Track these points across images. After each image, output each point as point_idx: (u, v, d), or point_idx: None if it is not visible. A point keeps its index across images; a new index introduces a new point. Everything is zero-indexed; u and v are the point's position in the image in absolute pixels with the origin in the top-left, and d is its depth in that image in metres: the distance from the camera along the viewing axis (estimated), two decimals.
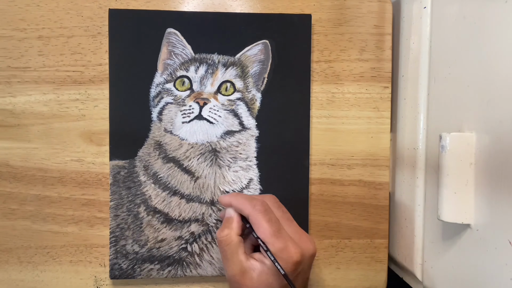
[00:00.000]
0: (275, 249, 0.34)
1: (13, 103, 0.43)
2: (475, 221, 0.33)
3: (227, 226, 0.37)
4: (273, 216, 0.36)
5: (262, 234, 0.35)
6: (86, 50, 0.44)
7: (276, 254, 0.34)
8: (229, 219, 0.37)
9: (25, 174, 0.43)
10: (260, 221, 0.35)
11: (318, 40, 0.46)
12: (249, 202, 0.37)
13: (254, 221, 0.36)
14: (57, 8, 0.43)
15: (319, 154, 0.46)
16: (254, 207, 0.36)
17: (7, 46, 0.43)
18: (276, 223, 0.36)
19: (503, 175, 0.30)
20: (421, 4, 0.42)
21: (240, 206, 0.37)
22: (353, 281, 0.47)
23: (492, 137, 0.32)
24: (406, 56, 0.45)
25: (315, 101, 0.46)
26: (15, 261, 0.44)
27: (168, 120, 0.44)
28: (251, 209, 0.36)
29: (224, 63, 0.44)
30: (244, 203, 0.37)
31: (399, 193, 0.47)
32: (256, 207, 0.36)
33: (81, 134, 0.44)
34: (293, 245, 0.35)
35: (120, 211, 0.44)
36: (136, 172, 0.44)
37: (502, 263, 0.30)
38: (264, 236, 0.35)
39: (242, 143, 0.44)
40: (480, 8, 0.34)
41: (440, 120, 0.40)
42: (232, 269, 0.36)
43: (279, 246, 0.34)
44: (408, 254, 0.44)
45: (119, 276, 0.43)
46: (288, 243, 0.35)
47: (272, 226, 0.35)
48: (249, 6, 0.45)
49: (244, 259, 0.36)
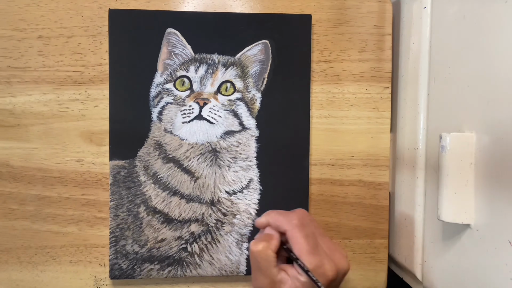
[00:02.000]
0: (312, 266, 0.34)
1: (13, 103, 0.43)
2: (475, 221, 0.33)
3: (266, 240, 0.36)
4: (309, 231, 0.36)
5: (299, 250, 0.35)
6: (86, 50, 0.44)
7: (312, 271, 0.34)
8: (269, 235, 0.37)
9: (25, 174, 0.43)
10: (297, 236, 0.35)
11: (318, 40, 0.46)
12: (284, 217, 0.36)
13: (291, 237, 0.35)
14: (57, 8, 0.43)
15: (319, 154, 0.46)
16: (290, 222, 0.36)
17: (7, 46, 0.43)
18: (313, 238, 0.35)
19: (503, 175, 0.30)
20: (421, 4, 0.42)
21: (276, 222, 0.37)
22: (353, 281, 0.47)
23: (492, 137, 0.32)
24: (406, 56, 0.45)
25: (315, 101, 0.46)
26: (15, 261, 0.44)
27: (168, 120, 0.44)
28: (288, 224, 0.36)
29: (224, 63, 0.44)
30: (280, 219, 0.36)
31: (399, 193, 0.47)
32: (292, 222, 0.36)
33: (81, 134, 0.44)
34: (329, 262, 0.35)
35: (120, 211, 0.44)
36: (136, 172, 0.44)
37: (502, 263, 0.30)
38: (300, 253, 0.34)
39: (242, 143, 0.44)
40: (480, 8, 0.34)
41: (440, 120, 0.40)
42: (262, 281, 0.35)
43: (315, 263, 0.34)
44: (408, 254, 0.44)
45: (119, 276, 0.43)
46: (324, 260, 0.34)
47: (309, 242, 0.35)
48: (249, 6, 0.45)
49: (276, 273, 0.35)
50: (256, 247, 0.36)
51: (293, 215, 0.36)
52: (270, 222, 0.37)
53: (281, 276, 0.35)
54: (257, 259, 0.36)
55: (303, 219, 0.36)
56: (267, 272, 0.35)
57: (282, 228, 0.36)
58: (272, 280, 0.35)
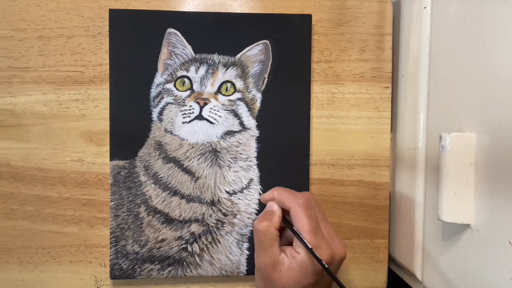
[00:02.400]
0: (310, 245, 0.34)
1: (14, 103, 0.43)
2: (475, 221, 0.33)
3: (268, 218, 0.37)
4: (313, 213, 0.36)
5: (301, 228, 0.35)
6: (87, 50, 0.44)
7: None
8: (271, 212, 0.38)
9: (26, 174, 0.43)
10: (300, 215, 0.35)
11: (319, 40, 0.46)
12: (291, 195, 0.37)
13: (294, 214, 0.36)
14: (57, 8, 0.43)
15: (319, 154, 0.46)
16: (296, 200, 0.36)
17: (8, 46, 0.43)
18: (316, 220, 0.36)
19: (503, 175, 0.30)
20: (421, 4, 0.42)
21: (282, 198, 0.37)
22: (353, 281, 0.47)
23: (492, 137, 0.32)
24: (406, 56, 0.45)
25: (315, 101, 0.46)
26: (16, 261, 0.44)
27: (168, 120, 0.44)
28: (294, 202, 0.36)
29: (225, 63, 0.44)
30: (286, 195, 0.37)
31: (399, 193, 0.47)
32: (298, 201, 0.36)
33: (82, 134, 0.44)
34: (327, 246, 0.35)
35: (121, 211, 0.44)
36: (137, 172, 0.44)
37: (502, 263, 0.30)
38: (302, 231, 0.35)
39: (243, 143, 0.45)
40: (480, 8, 0.34)
41: (440, 120, 0.40)
42: (265, 260, 0.36)
43: (314, 244, 0.35)
44: (408, 254, 0.44)
45: (119, 276, 0.43)
46: (322, 243, 0.35)
47: (312, 223, 0.35)
48: (249, 6, 0.45)
49: (278, 252, 0.36)
50: (260, 225, 0.36)
51: (299, 194, 0.37)
52: (275, 196, 0.38)
53: (281, 256, 0.36)
54: (260, 238, 0.36)
55: (309, 200, 0.37)
56: (270, 251, 0.36)
57: (287, 204, 0.37)
58: (274, 259, 0.36)
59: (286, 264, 0.35)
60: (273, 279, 0.36)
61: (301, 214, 0.35)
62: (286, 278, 0.35)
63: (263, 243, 0.36)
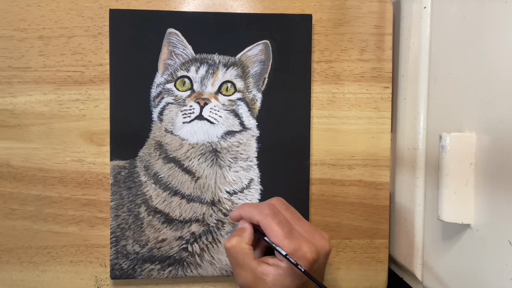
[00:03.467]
0: (289, 250, 0.34)
1: (14, 103, 0.43)
2: (475, 221, 0.33)
3: (238, 234, 0.37)
4: (282, 218, 0.36)
5: (274, 238, 0.35)
6: (87, 50, 0.44)
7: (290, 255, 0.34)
8: (241, 229, 0.37)
9: (26, 174, 0.43)
10: (270, 225, 0.35)
11: (319, 40, 0.46)
12: (255, 208, 0.37)
13: (264, 226, 0.35)
14: (57, 8, 0.43)
15: (319, 154, 0.46)
16: (261, 212, 0.36)
17: (8, 46, 0.43)
18: (287, 224, 0.36)
19: (503, 175, 0.30)
20: (421, 4, 0.42)
21: (248, 214, 0.37)
22: (353, 281, 0.47)
23: (492, 137, 0.32)
24: (406, 56, 0.45)
25: (316, 101, 0.46)
26: (16, 261, 0.44)
27: (168, 120, 0.44)
28: (259, 215, 0.36)
29: (225, 63, 0.44)
30: (251, 211, 0.37)
31: (399, 193, 0.47)
32: (264, 212, 0.36)
33: (82, 134, 0.44)
34: (307, 244, 0.35)
35: (121, 211, 0.44)
36: (137, 172, 0.44)
37: (502, 263, 0.30)
38: (276, 239, 0.34)
39: (243, 143, 0.45)
40: (480, 8, 0.34)
41: (440, 120, 0.40)
42: (244, 276, 0.35)
43: (293, 247, 0.34)
44: (408, 254, 0.44)
45: (119, 276, 0.43)
46: (301, 243, 0.35)
47: (283, 228, 0.35)
48: (249, 6, 0.45)
49: (256, 265, 0.35)
50: (229, 242, 0.36)
51: (264, 205, 0.37)
52: (242, 215, 0.38)
53: (262, 268, 0.35)
54: (233, 255, 0.36)
55: (274, 207, 0.37)
56: (247, 266, 0.35)
57: (255, 219, 0.36)
58: (254, 273, 0.35)
59: (271, 273, 0.35)
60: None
61: (270, 224, 0.35)
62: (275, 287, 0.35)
63: (237, 260, 0.36)
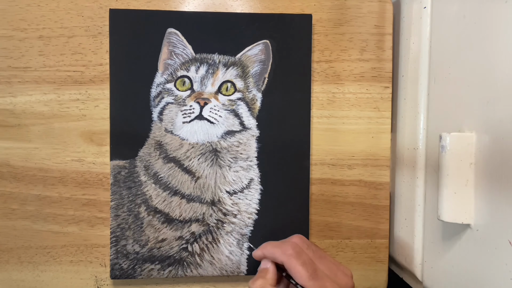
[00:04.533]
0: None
1: (14, 103, 0.43)
2: (475, 221, 0.33)
3: (262, 276, 0.37)
4: (306, 258, 0.36)
5: (300, 279, 0.35)
6: (87, 50, 0.44)
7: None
8: (264, 270, 0.37)
9: (26, 174, 0.43)
10: (295, 266, 0.35)
11: (319, 40, 0.46)
12: (279, 248, 0.37)
13: (289, 267, 0.36)
14: (57, 8, 0.43)
15: (319, 154, 0.46)
16: (285, 253, 0.36)
17: (8, 46, 0.43)
18: (311, 264, 0.36)
19: (503, 175, 0.30)
20: (421, 4, 0.42)
21: (272, 255, 0.37)
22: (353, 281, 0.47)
23: (492, 137, 0.32)
24: (406, 56, 0.45)
25: (316, 101, 0.46)
26: (16, 261, 0.44)
27: (168, 120, 0.44)
28: (283, 255, 0.36)
29: (225, 63, 0.44)
30: (275, 251, 0.37)
31: (399, 193, 0.47)
32: (287, 252, 0.36)
33: (82, 134, 0.44)
34: (331, 284, 0.35)
35: (121, 211, 0.44)
36: (137, 172, 0.44)
37: (502, 263, 0.30)
38: (301, 280, 0.35)
39: (243, 143, 0.45)
40: (480, 7, 0.34)
41: (440, 120, 0.40)
42: None
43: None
44: (408, 254, 0.44)
45: (119, 276, 0.43)
46: (326, 284, 0.35)
47: (308, 269, 0.35)
48: (249, 6, 0.45)
49: None
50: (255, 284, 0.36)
51: (287, 245, 0.37)
52: (266, 255, 0.38)
53: None
54: None
55: (297, 247, 0.37)
56: None
57: (279, 260, 0.36)
58: None
59: None
60: None
61: (294, 265, 0.35)
62: None
63: None
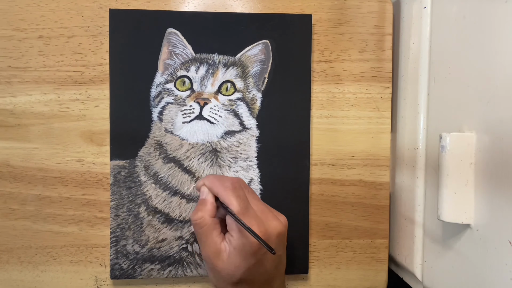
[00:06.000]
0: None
1: (14, 103, 0.43)
2: (475, 221, 0.33)
3: (201, 209, 0.37)
4: (242, 194, 0.37)
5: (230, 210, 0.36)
6: (87, 50, 0.44)
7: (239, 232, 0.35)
8: (203, 201, 0.38)
9: (26, 174, 0.43)
10: (229, 197, 0.36)
11: (319, 40, 0.46)
12: (218, 180, 0.38)
13: (223, 198, 0.36)
14: (57, 8, 0.43)
15: (319, 154, 0.46)
16: (223, 184, 0.37)
17: (8, 46, 0.43)
18: (245, 201, 0.37)
19: (503, 175, 0.30)
20: (421, 4, 0.42)
21: (211, 185, 0.38)
22: (353, 281, 0.47)
23: (492, 137, 0.32)
24: (406, 56, 0.45)
25: (316, 101, 0.46)
26: (16, 261, 0.44)
27: (168, 120, 0.44)
28: (221, 186, 0.37)
29: (225, 63, 0.44)
30: (215, 182, 0.38)
31: (399, 193, 0.47)
32: (225, 184, 0.37)
33: (82, 134, 0.44)
34: (258, 223, 0.35)
35: (121, 211, 0.44)
36: (137, 172, 0.44)
37: (502, 263, 0.30)
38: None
39: (243, 143, 0.45)
40: (480, 8, 0.34)
41: (440, 120, 0.40)
42: (207, 250, 0.36)
43: None
44: (408, 254, 0.44)
45: (119, 276, 0.43)
46: (252, 222, 0.35)
47: (241, 203, 0.36)
48: (249, 6, 0.45)
49: (219, 241, 0.36)
50: (195, 217, 0.37)
51: (227, 178, 0.38)
52: (206, 184, 0.38)
53: (223, 244, 0.36)
54: (197, 229, 0.37)
55: (236, 183, 0.38)
56: (209, 241, 0.36)
57: (215, 190, 0.37)
58: (216, 248, 0.36)
59: (227, 251, 0.36)
60: (219, 269, 0.36)
61: (229, 196, 0.36)
62: (228, 265, 0.35)
63: (201, 234, 0.37)
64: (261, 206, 0.38)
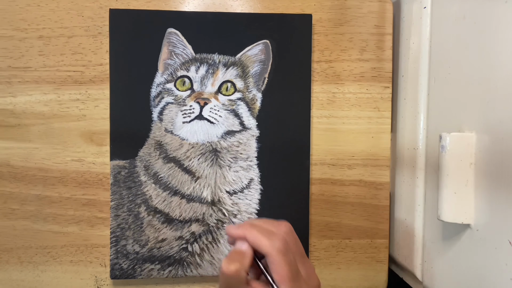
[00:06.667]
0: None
1: (14, 103, 0.43)
2: (475, 221, 0.33)
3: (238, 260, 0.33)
4: (292, 258, 0.33)
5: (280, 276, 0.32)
6: (87, 50, 0.44)
7: None
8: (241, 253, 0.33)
9: (26, 174, 0.43)
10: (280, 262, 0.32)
11: (319, 40, 0.46)
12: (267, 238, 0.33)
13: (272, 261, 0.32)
14: (57, 8, 0.43)
15: (319, 154, 0.46)
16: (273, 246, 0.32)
17: (8, 46, 0.43)
18: (295, 265, 0.33)
19: (503, 175, 0.30)
20: (421, 4, 0.42)
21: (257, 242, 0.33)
22: (353, 281, 0.47)
23: (492, 137, 0.32)
24: (406, 56, 0.45)
25: (316, 101, 0.46)
26: (16, 261, 0.44)
27: (168, 120, 0.44)
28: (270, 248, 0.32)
29: (225, 63, 0.44)
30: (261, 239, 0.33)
31: (399, 193, 0.47)
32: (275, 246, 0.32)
33: (82, 134, 0.44)
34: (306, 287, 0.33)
35: (121, 211, 0.44)
36: (137, 172, 0.44)
37: (502, 263, 0.30)
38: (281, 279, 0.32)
39: (243, 143, 0.45)
40: (480, 8, 0.34)
41: (440, 120, 0.40)
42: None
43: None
44: (408, 254, 0.44)
45: (119, 276, 0.43)
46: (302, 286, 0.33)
47: (291, 269, 0.32)
48: (249, 6, 0.45)
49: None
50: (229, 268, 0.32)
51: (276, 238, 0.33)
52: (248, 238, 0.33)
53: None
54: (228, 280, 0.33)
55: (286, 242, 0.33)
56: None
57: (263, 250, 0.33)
58: None
59: None
60: None
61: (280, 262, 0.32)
62: None
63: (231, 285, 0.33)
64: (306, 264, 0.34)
